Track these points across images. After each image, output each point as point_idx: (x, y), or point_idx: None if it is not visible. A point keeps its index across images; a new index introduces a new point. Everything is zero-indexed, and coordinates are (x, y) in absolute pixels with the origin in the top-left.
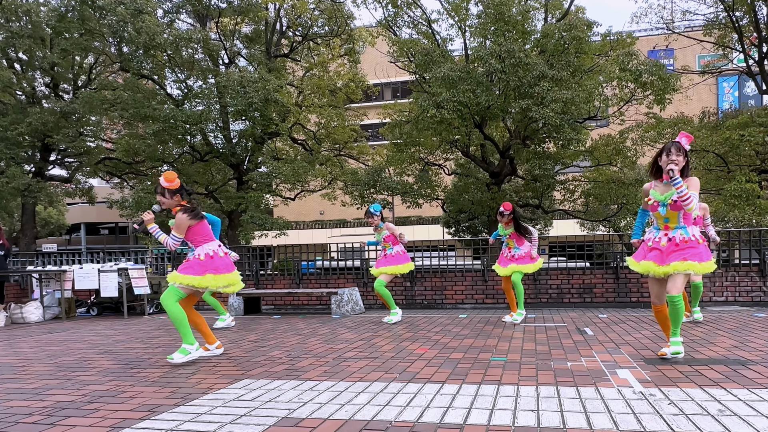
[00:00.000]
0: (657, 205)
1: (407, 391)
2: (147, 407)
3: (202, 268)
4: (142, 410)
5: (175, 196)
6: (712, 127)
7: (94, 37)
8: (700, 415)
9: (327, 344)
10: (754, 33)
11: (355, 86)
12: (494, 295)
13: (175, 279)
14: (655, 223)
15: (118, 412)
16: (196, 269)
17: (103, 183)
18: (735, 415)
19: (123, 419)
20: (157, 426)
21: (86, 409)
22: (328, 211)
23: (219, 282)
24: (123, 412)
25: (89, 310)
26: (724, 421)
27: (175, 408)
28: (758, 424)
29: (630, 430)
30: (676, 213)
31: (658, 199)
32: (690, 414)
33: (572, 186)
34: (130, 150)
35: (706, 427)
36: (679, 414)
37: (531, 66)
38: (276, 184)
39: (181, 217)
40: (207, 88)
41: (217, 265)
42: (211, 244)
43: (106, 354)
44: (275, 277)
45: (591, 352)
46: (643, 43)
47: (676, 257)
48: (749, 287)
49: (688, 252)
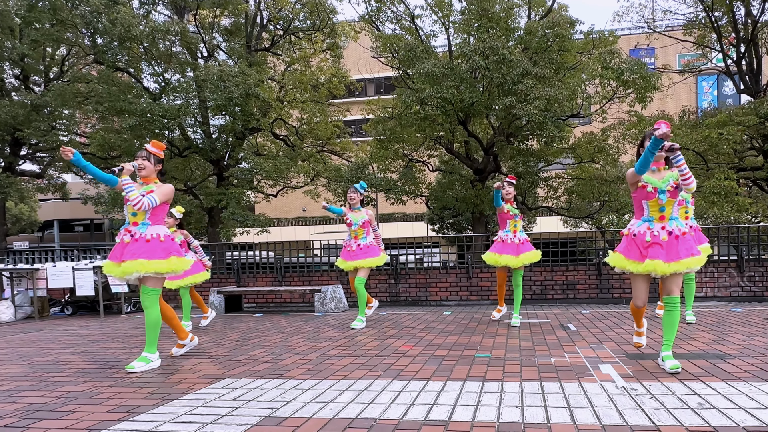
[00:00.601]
0: (656, 192)
1: (392, 389)
2: (125, 408)
3: (165, 251)
4: (119, 411)
5: (158, 165)
6: (691, 126)
7: (67, 27)
8: (681, 408)
9: (310, 342)
10: (732, 33)
11: (337, 81)
12: (478, 292)
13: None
14: (647, 213)
15: (94, 413)
16: (159, 253)
17: (77, 178)
18: (714, 408)
19: (100, 421)
20: (135, 427)
21: (61, 411)
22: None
23: (185, 265)
24: (100, 414)
25: (63, 310)
26: (704, 414)
27: (154, 408)
28: (736, 417)
29: (613, 424)
30: (673, 201)
31: (657, 186)
32: (671, 408)
33: (555, 183)
34: (105, 145)
35: (687, 420)
36: (661, 408)
37: (514, 63)
38: (257, 180)
39: (170, 187)
40: (185, 81)
41: (177, 247)
42: (164, 227)
43: (81, 354)
44: (257, 274)
45: (574, 347)
46: (625, 41)
47: (685, 253)
48: (727, 283)
49: (691, 246)
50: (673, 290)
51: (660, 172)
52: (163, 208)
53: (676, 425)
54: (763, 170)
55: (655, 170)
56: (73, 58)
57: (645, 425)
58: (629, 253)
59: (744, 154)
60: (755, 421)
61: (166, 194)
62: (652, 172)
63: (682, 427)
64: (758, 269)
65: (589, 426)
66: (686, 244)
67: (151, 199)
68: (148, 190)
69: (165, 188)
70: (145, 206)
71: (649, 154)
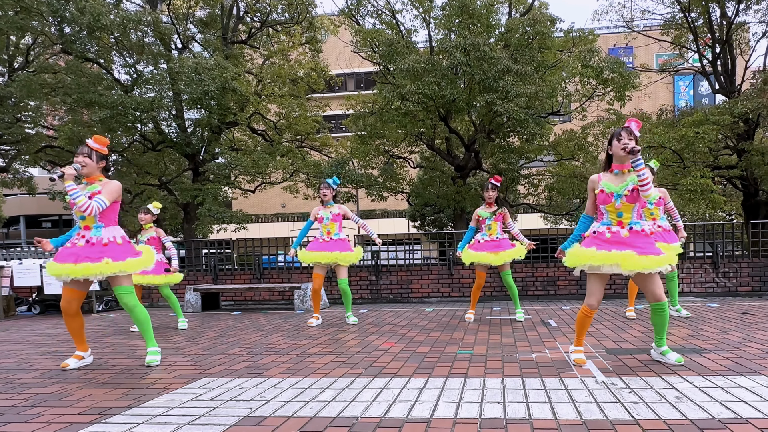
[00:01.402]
0: (611, 196)
1: (373, 387)
2: (96, 410)
3: (124, 252)
4: (91, 413)
5: (101, 162)
6: (669, 124)
7: (32, 15)
8: (659, 402)
9: (290, 340)
10: (708, 34)
11: (317, 76)
12: (460, 289)
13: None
14: (605, 218)
15: (64, 416)
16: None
17: (44, 173)
18: (691, 402)
19: (70, 423)
20: (107, 429)
21: (28, 414)
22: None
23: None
24: (70, 416)
25: (31, 309)
26: (681, 407)
27: (127, 410)
28: (712, 410)
29: (593, 418)
30: (631, 206)
31: (613, 190)
32: (649, 402)
33: (536, 180)
34: (73, 138)
35: (665, 413)
36: (640, 402)
37: (495, 60)
38: (235, 175)
39: (117, 184)
40: (159, 73)
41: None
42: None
43: (50, 355)
44: (235, 272)
45: (555, 343)
46: (604, 40)
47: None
48: (703, 279)
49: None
50: (660, 295)
51: (623, 174)
52: (114, 208)
53: (655, 419)
54: (737, 169)
55: (618, 173)
56: (39, 47)
57: (624, 419)
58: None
59: (719, 152)
60: (730, 413)
61: (114, 192)
62: (614, 176)
63: (660, 420)
64: (732, 266)
65: (570, 421)
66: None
67: (100, 202)
68: (93, 190)
69: (112, 186)
70: (94, 211)
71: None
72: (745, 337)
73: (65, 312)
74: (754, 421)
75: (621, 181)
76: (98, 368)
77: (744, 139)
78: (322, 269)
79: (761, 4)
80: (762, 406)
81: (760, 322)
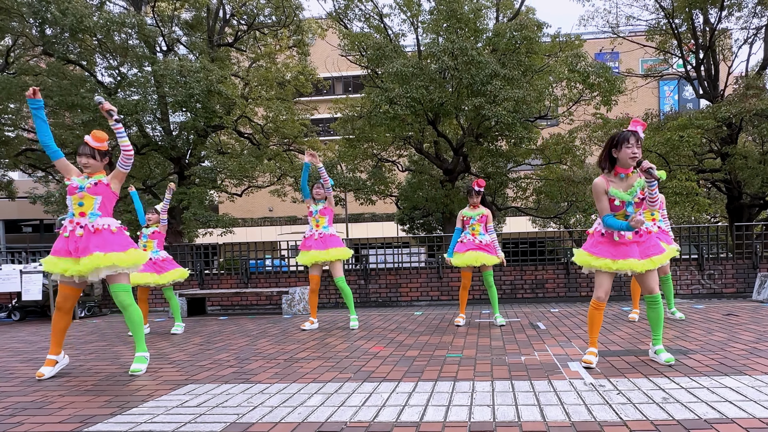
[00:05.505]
0: (623, 205)
1: (362, 391)
2: (79, 418)
3: (117, 242)
4: (72, 422)
5: (104, 159)
6: (654, 129)
7: (11, 16)
8: (647, 403)
9: (278, 345)
10: (691, 40)
11: (304, 79)
12: (449, 292)
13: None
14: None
15: (44, 425)
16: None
17: (24, 176)
18: (678, 402)
19: None
20: None
21: (7, 423)
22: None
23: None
24: (51, 425)
25: (10, 315)
26: (668, 408)
27: (111, 418)
28: (699, 410)
29: (582, 420)
30: (638, 209)
31: (624, 199)
32: (637, 403)
33: (524, 184)
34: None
35: (652, 414)
36: (627, 403)
37: (483, 64)
38: (221, 179)
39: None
40: (143, 76)
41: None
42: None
43: (30, 362)
44: (221, 276)
45: (544, 345)
46: (591, 45)
47: (656, 249)
48: (689, 281)
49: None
50: (653, 288)
51: (628, 178)
52: (112, 199)
53: (642, 419)
54: (721, 172)
55: (624, 177)
56: (20, 49)
57: (613, 420)
58: (599, 252)
59: (704, 156)
60: (716, 413)
61: (120, 178)
62: (619, 180)
63: (647, 421)
64: (717, 267)
65: (558, 423)
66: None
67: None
68: (99, 178)
69: (117, 173)
70: (130, 161)
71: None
72: (730, 338)
73: (59, 308)
74: (740, 421)
75: (627, 186)
76: (81, 375)
77: (727, 143)
78: (317, 269)
79: (743, 11)
80: (747, 406)
81: (744, 323)
